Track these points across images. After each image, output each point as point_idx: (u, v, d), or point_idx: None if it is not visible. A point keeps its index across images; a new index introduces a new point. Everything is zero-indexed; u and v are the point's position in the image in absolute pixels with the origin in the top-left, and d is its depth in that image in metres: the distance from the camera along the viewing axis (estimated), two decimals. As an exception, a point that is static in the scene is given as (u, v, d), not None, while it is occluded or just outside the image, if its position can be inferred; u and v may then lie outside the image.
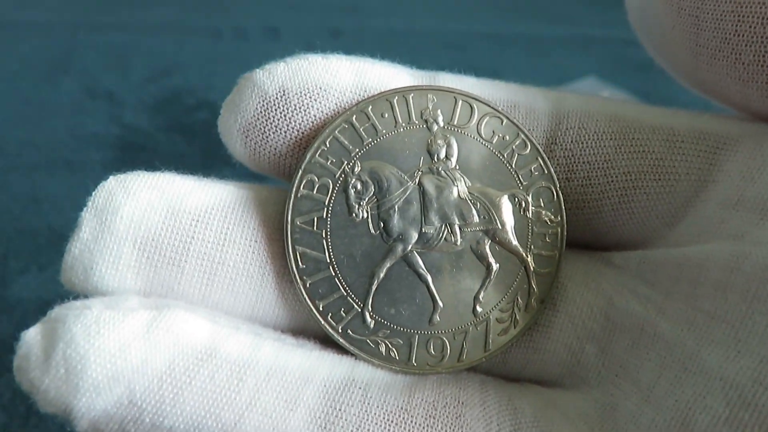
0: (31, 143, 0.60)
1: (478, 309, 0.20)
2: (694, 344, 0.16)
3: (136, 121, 0.64)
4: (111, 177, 0.18)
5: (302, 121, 0.19)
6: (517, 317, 0.20)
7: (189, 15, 0.87)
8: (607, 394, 0.18)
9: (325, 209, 0.18)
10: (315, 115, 0.19)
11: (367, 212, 0.19)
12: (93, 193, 0.18)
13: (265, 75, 0.19)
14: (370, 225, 0.19)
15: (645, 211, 0.21)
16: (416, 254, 0.19)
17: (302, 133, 0.19)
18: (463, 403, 0.18)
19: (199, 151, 0.60)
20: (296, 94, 0.19)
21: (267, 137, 0.19)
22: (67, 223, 0.55)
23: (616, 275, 0.21)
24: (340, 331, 0.18)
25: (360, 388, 0.18)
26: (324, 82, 0.19)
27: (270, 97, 0.19)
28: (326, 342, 0.19)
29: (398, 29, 0.88)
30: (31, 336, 0.18)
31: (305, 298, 0.18)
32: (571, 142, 0.20)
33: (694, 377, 0.16)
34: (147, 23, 0.84)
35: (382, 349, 0.19)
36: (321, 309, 0.18)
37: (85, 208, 0.18)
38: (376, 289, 0.18)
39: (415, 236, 0.19)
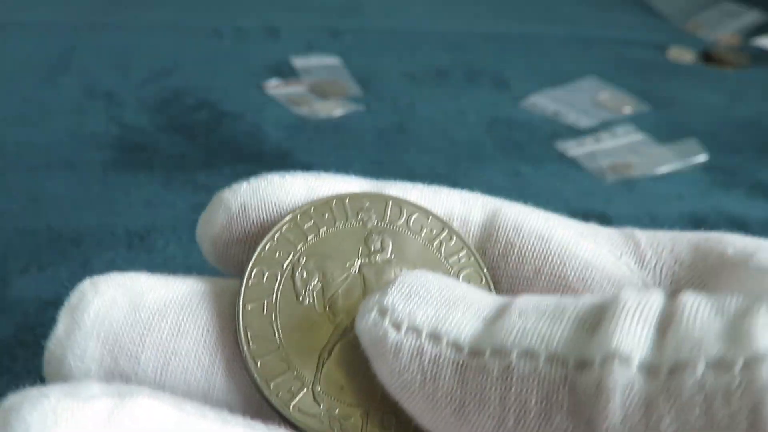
0: (31, 143, 0.60)
1: None
2: None
3: (136, 121, 0.64)
4: (87, 279, 0.20)
5: (258, 232, 0.20)
6: None
7: (189, 15, 0.88)
8: None
9: (275, 294, 0.20)
10: (270, 228, 0.21)
11: (314, 298, 0.20)
12: (70, 294, 0.19)
13: (230, 194, 0.21)
14: (317, 308, 0.20)
15: None
16: None
17: (259, 243, 0.20)
18: None
19: (199, 151, 0.60)
20: (254, 209, 0.21)
21: (230, 247, 0.21)
22: (67, 223, 0.55)
23: None
24: (290, 409, 0.19)
25: None
26: (279, 198, 0.21)
27: (233, 213, 0.21)
28: (283, 423, 0.20)
29: (398, 29, 0.88)
30: None
31: (257, 379, 0.19)
32: (498, 255, 0.21)
33: None
34: (147, 23, 0.84)
35: (335, 426, 0.19)
36: (272, 388, 0.19)
37: (62, 307, 0.19)
38: (324, 366, 0.19)
39: None
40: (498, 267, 0.21)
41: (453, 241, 0.21)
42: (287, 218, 0.20)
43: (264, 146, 0.61)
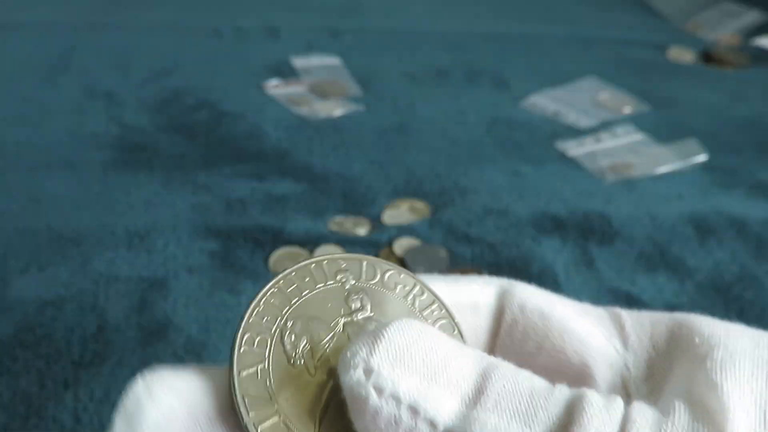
0: (31, 143, 0.60)
1: None
2: None
3: (136, 121, 0.64)
4: (139, 378, 0.20)
5: None
6: None
7: (189, 15, 0.88)
8: None
9: (267, 360, 0.20)
10: None
11: (304, 359, 0.21)
12: (123, 397, 0.19)
13: None
14: (308, 369, 0.21)
15: None
16: None
17: None
18: None
19: (199, 151, 0.60)
20: None
21: None
22: (67, 223, 0.55)
23: None
24: None
25: None
26: None
27: None
28: None
29: (398, 29, 0.88)
30: None
31: None
32: (504, 332, 0.22)
33: None
34: (147, 23, 0.84)
35: None
36: None
37: (116, 411, 0.19)
38: (320, 425, 0.20)
39: None
40: (504, 343, 0.22)
41: (424, 296, 0.22)
42: (271, 284, 0.21)
43: (264, 146, 0.61)
